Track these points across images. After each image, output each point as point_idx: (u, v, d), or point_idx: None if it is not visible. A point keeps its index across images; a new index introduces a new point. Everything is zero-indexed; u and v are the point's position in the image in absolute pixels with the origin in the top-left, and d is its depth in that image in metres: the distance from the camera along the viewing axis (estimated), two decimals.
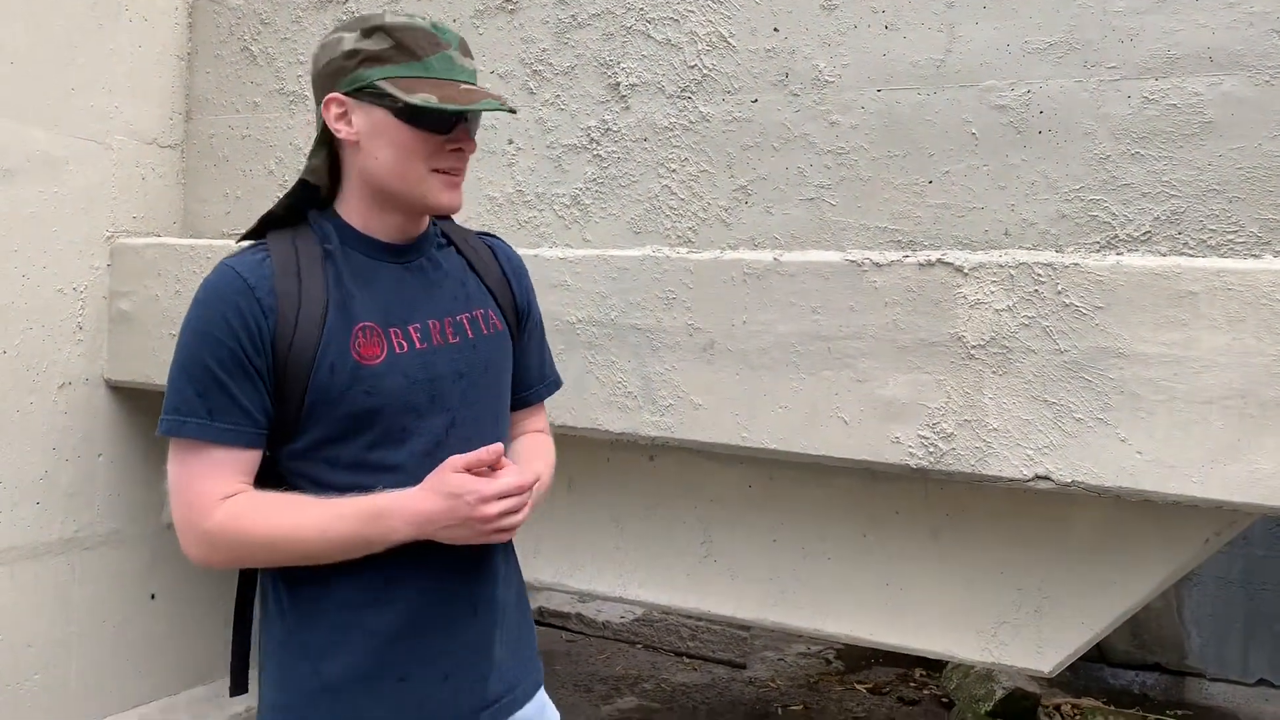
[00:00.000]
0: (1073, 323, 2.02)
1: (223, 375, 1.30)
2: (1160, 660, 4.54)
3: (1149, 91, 2.19)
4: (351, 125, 1.37)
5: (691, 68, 2.66)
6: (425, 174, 1.37)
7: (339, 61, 1.37)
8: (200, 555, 1.33)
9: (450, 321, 1.45)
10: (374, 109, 1.35)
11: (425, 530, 1.31)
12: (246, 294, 1.31)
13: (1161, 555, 2.21)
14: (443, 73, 1.35)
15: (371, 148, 1.36)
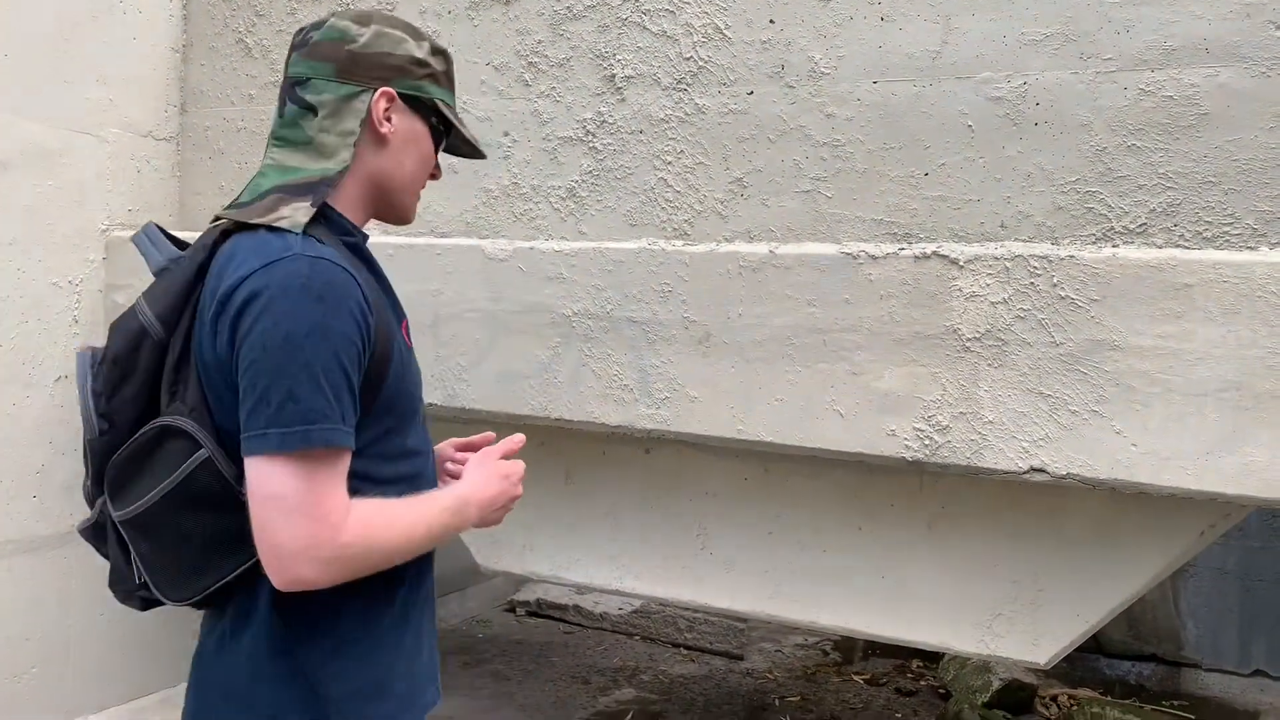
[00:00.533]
0: (1068, 315, 2.02)
1: (351, 378, 1.25)
2: (1156, 651, 4.55)
3: (1145, 83, 2.19)
4: (392, 125, 1.39)
5: (687, 59, 2.65)
6: (422, 187, 1.48)
7: (403, 62, 1.39)
8: (325, 575, 1.23)
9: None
10: (417, 120, 1.42)
11: (485, 513, 1.43)
12: (358, 291, 1.27)
13: (1157, 547, 2.21)
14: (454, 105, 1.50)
15: (400, 151, 1.40)
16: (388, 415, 1.36)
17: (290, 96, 1.42)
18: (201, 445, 1.29)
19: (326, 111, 1.37)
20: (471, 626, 5.09)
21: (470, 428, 2.92)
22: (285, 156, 1.41)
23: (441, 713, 3.91)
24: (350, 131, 1.37)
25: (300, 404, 1.20)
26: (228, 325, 1.25)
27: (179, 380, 1.35)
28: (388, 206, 1.45)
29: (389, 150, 1.40)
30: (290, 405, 1.20)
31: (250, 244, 1.31)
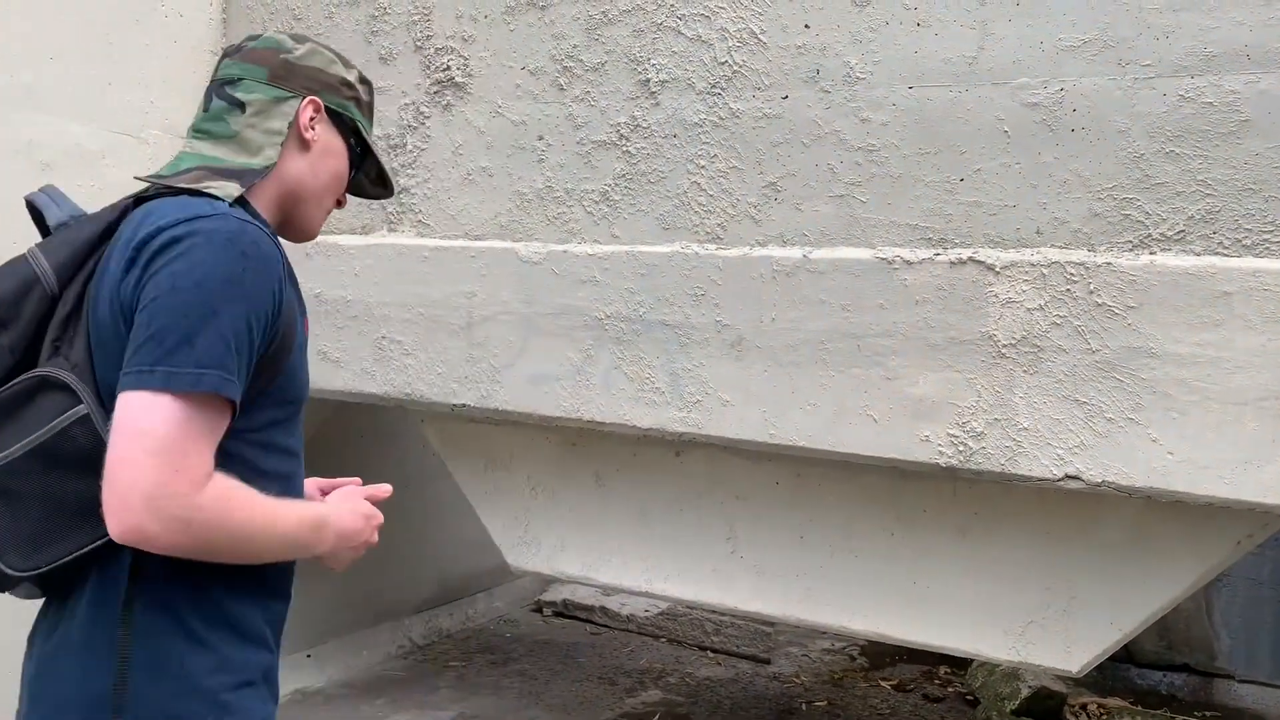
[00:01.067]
0: (1105, 322, 2.01)
1: (255, 342, 1.22)
2: (1189, 661, 4.51)
3: (1185, 89, 2.17)
4: (315, 132, 1.44)
5: (722, 64, 2.66)
6: (330, 208, 1.51)
7: (333, 81, 1.47)
8: (167, 534, 1.13)
9: None
10: (337, 136, 1.47)
11: (338, 546, 1.39)
12: (278, 261, 1.28)
13: (1192, 556, 2.20)
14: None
15: (317, 163, 1.45)
16: (277, 406, 1.33)
17: (218, 93, 1.41)
18: (81, 400, 1.21)
19: (255, 110, 1.39)
20: (499, 626, 5.12)
21: (503, 429, 2.94)
22: (207, 148, 1.38)
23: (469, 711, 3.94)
24: (277, 131, 1.39)
25: (196, 349, 1.15)
26: (139, 268, 1.21)
27: (65, 335, 1.28)
28: (295, 215, 1.46)
29: (308, 157, 1.44)
30: (185, 348, 1.15)
31: (174, 204, 1.27)
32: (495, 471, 3.00)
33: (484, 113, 3.02)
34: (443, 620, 4.94)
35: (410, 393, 2.85)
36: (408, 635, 4.69)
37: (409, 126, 3.15)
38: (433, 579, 4.92)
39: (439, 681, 4.26)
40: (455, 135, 3.07)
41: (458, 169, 3.07)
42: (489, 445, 3.01)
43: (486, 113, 3.02)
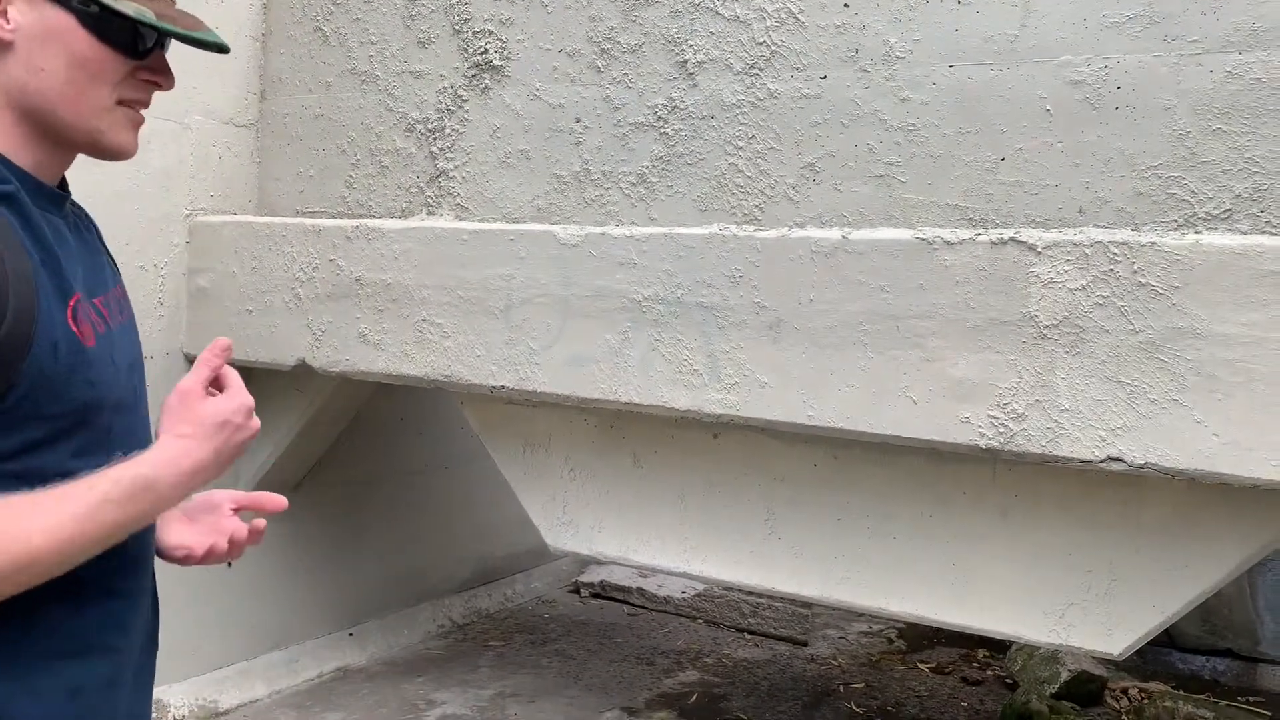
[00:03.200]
0: (1149, 303, 1.99)
1: None
2: (1232, 646, 4.45)
3: (1233, 65, 2.13)
4: (8, 21, 1.03)
5: (760, 44, 2.65)
6: (109, 103, 1.07)
7: None
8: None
9: (116, 297, 1.16)
10: (49, 6, 1.03)
11: (196, 482, 1.06)
12: None
13: (1236, 540, 2.17)
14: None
15: (36, 56, 1.03)
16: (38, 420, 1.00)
17: None
18: None
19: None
20: (537, 606, 5.16)
21: (541, 411, 2.97)
22: None
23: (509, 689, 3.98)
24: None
25: None
26: None
27: None
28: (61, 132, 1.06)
29: (19, 56, 1.03)
30: None
31: None
32: (534, 453, 3.02)
33: (522, 95, 3.03)
34: (482, 600, 4.99)
35: (449, 375, 2.88)
36: (448, 615, 4.75)
37: (447, 110, 3.17)
38: (472, 560, 4.97)
39: (479, 660, 4.31)
40: (493, 118, 3.08)
41: (495, 152, 3.08)
42: (528, 427, 3.03)
43: (524, 95, 3.02)
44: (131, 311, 1.21)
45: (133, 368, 1.14)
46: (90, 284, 1.10)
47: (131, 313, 1.21)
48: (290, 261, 3.19)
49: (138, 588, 1.16)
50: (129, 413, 1.12)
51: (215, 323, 3.35)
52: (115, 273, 1.22)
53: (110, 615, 1.11)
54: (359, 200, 3.37)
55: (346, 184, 3.39)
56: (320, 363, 3.13)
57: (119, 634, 1.13)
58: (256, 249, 3.26)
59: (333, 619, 4.16)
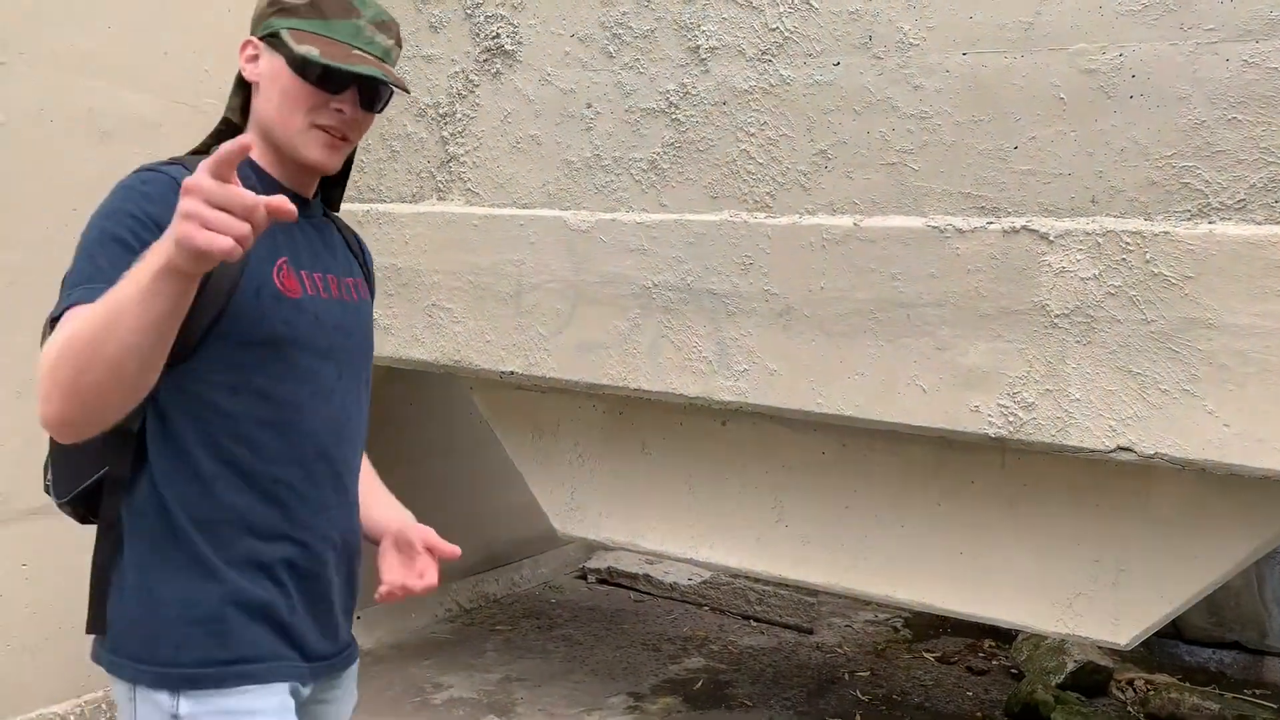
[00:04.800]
0: (1161, 292, 1.98)
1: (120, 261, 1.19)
2: (1239, 638, 4.45)
3: (1249, 54, 2.12)
4: (257, 67, 1.41)
5: (772, 30, 2.64)
6: (305, 126, 1.38)
7: (262, 8, 1.44)
8: (46, 402, 1.16)
9: (343, 281, 1.49)
10: (275, 56, 1.39)
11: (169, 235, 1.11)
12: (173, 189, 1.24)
13: (1245, 531, 2.17)
14: (343, 36, 1.39)
15: (267, 92, 1.39)
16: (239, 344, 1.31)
17: None
18: None
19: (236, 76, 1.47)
20: (544, 591, 5.18)
21: (550, 397, 2.97)
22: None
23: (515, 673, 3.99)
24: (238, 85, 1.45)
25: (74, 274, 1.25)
26: None
27: None
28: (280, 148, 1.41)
29: (259, 93, 1.41)
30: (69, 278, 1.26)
31: None
32: (543, 439, 3.03)
33: (533, 81, 3.02)
34: (489, 585, 5.01)
35: (459, 359, 2.88)
36: (455, 599, 4.77)
37: (458, 95, 3.16)
38: (479, 545, 4.99)
39: (486, 645, 4.33)
40: (504, 103, 3.08)
41: (506, 137, 3.08)
42: (537, 413, 3.03)
43: (535, 81, 3.02)
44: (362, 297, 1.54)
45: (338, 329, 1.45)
46: (308, 260, 1.43)
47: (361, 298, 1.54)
48: None
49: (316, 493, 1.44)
50: (322, 358, 1.41)
51: None
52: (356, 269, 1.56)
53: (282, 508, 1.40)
54: (369, 185, 3.37)
55: (357, 168, 3.39)
56: None
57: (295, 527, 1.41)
58: None
59: None
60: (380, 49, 1.43)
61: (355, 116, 1.41)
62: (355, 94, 1.40)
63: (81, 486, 1.40)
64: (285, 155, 1.41)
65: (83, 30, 3.05)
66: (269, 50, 1.40)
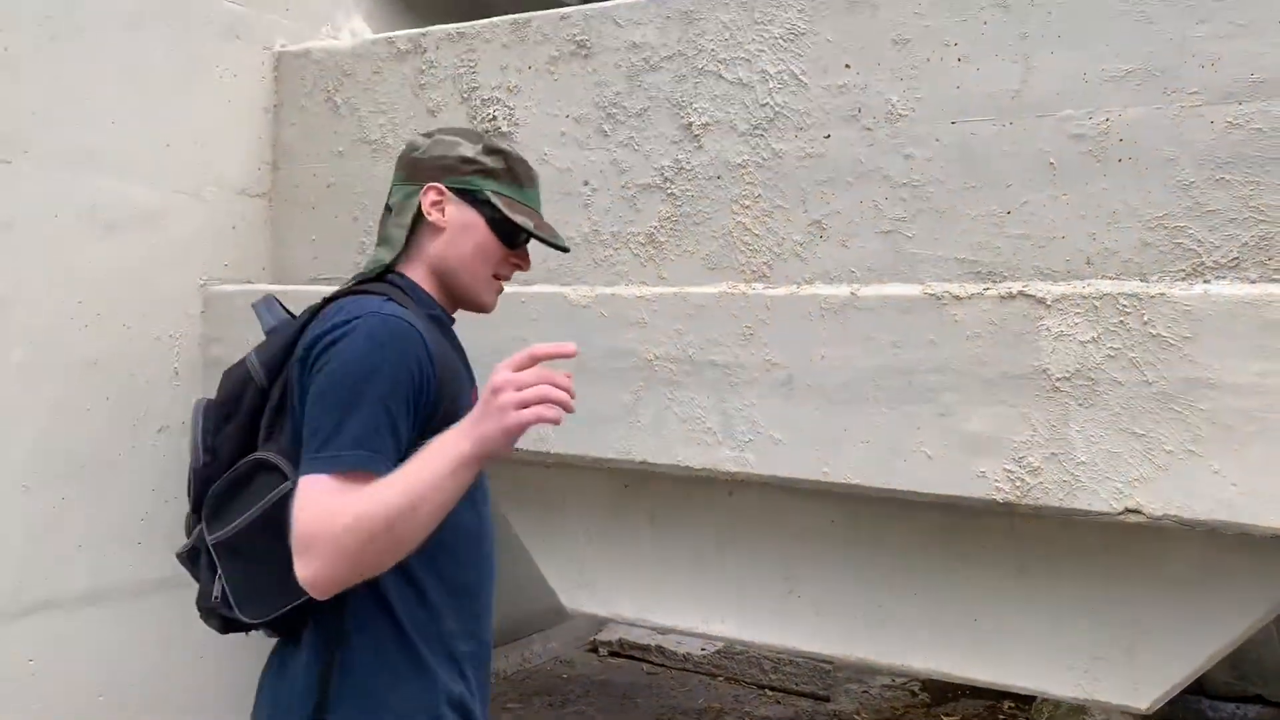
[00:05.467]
0: (1160, 353, 1.99)
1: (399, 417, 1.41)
2: (1262, 692, 4.38)
3: (1233, 116, 2.16)
4: (444, 215, 1.58)
5: (763, 106, 2.69)
6: (488, 276, 1.63)
7: (453, 162, 1.60)
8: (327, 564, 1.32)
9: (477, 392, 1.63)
10: (469, 210, 1.58)
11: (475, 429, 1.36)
12: (420, 344, 1.46)
13: (1261, 588, 2.15)
14: (532, 202, 1.67)
15: (456, 240, 1.58)
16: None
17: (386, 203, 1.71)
18: (288, 478, 1.45)
19: (395, 210, 1.64)
20: (555, 667, 5.12)
21: (554, 471, 2.96)
22: (376, 252, 1.70)
23: None
24: (405, 224, 1.61)
25: (343, 434, 1.37)
26: (309, 368, 1.46)
27: (276, 422, 1.54)
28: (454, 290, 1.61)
29: (444, 237, 1.58)
30: (337, 435, 1.37)
31: (338, 305, 1.55)
32: (550, 515, 3.02)
33: (530, 160, 3.06)
34: (499, 662, 4.95)
35: None
36: None
37: None
38: None
39: None
40: None
41: None
42: (543, 489, 3.03)
43: (533, 160, 3.05)
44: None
45: None
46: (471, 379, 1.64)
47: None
48: None
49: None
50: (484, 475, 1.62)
51: None
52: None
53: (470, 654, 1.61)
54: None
55: (359, 251, 3.43)
56: None
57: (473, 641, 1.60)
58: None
59: None
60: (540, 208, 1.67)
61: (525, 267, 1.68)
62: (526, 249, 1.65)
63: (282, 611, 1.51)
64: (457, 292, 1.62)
65: (87, 126, 3.11)
66: (462, 203, 1.59)
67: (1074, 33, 2.31)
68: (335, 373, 1.41)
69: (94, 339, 3.12)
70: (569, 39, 3.00)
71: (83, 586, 3.11)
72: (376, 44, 3.43)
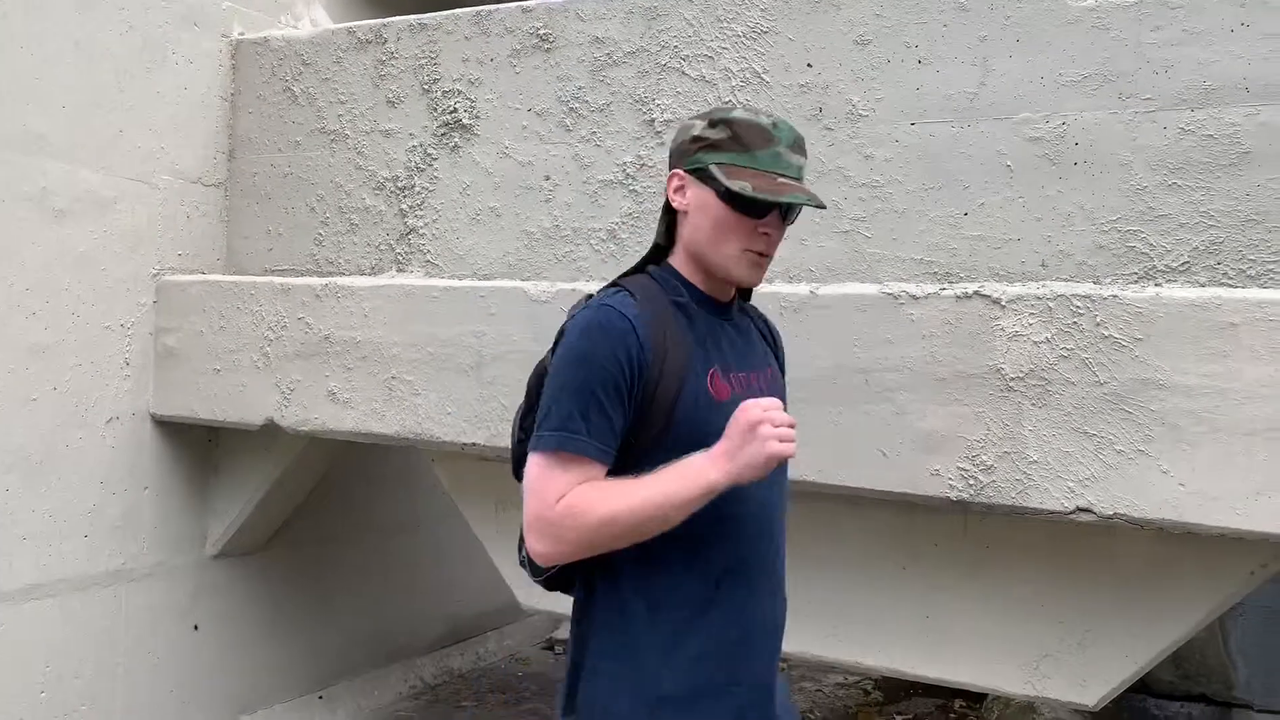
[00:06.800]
0: (1112, 354, 2.01)
1: (605, 401, 1.49)
2: (1206, 691, 4.46)
3: (1185, 122, 2.19)
4: (685, 198, 1.58)
5: (725, 103, 2.69)
6: (737, 251, 1.55)
7: (686, 144, 1.60)
8: (544, 545, 1.48)
9: (760, 374, 1.67)
10: (703, 188, 1.55)
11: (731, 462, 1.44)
12: (630, 332, 1.51)
13: (1206, 588, 2.19)
14: (766, 165, 1.53)
15: (696, 220, 1.56)
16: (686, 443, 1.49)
17: None
18: None
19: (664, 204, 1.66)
20: (510, 665, 5.09)
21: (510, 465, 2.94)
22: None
23: None
24: (665, 211, 1.64)
25: (553, 417, 1.49)
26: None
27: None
28: (710, 269, 1.60)
29: (688, 220, 1.58)
30: (549, 417, 1.50)
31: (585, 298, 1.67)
32: (506, 511, 3.00)
33: (491, 154, 3.05)
34: (454, 660, 4.92)
35: (420, 433, 2.86)
36: (419, 675, 4.67)
37: (417, 168, 3.18)
38: (444, 618, 4.91)
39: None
40: (463, 176, 3.10)
41: (466, 209, 3.10)
42: (500, 485, 3.01)
43: (494, 154, 3.05)
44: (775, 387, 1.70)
45: None
46: (734, 362, 1.62)
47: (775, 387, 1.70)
48: (258, 320, 3.17)
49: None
50: None
51: (183, 382, 3.32)
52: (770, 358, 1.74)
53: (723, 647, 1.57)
54: (328, 258, 3.37)
55: (316, 242, 3.39)
56: (288, 421, 3.10)
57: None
58: (224, 308, 3.25)
59: (302, 681, 4.08)
60: (796, 169, 1.57)
61: (779, 235, 1.58)
62: (778, 215, 1.55)
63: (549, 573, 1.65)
64: (714, 272, 1.59)
65: (37, 109, 3.04)
66: (696, 182, 1.56)
67: (1032, 37, 2.34)
68: (554, 363, 1.54)
69: (41, 327, 3.06)
70: (531, 32, 2.98)
71: (27, 580, 3.04)
72: (336, 34, 3.40)
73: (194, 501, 3.57)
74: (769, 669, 1.64)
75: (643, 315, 1.54)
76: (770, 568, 1.65)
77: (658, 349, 1.53)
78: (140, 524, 3.38)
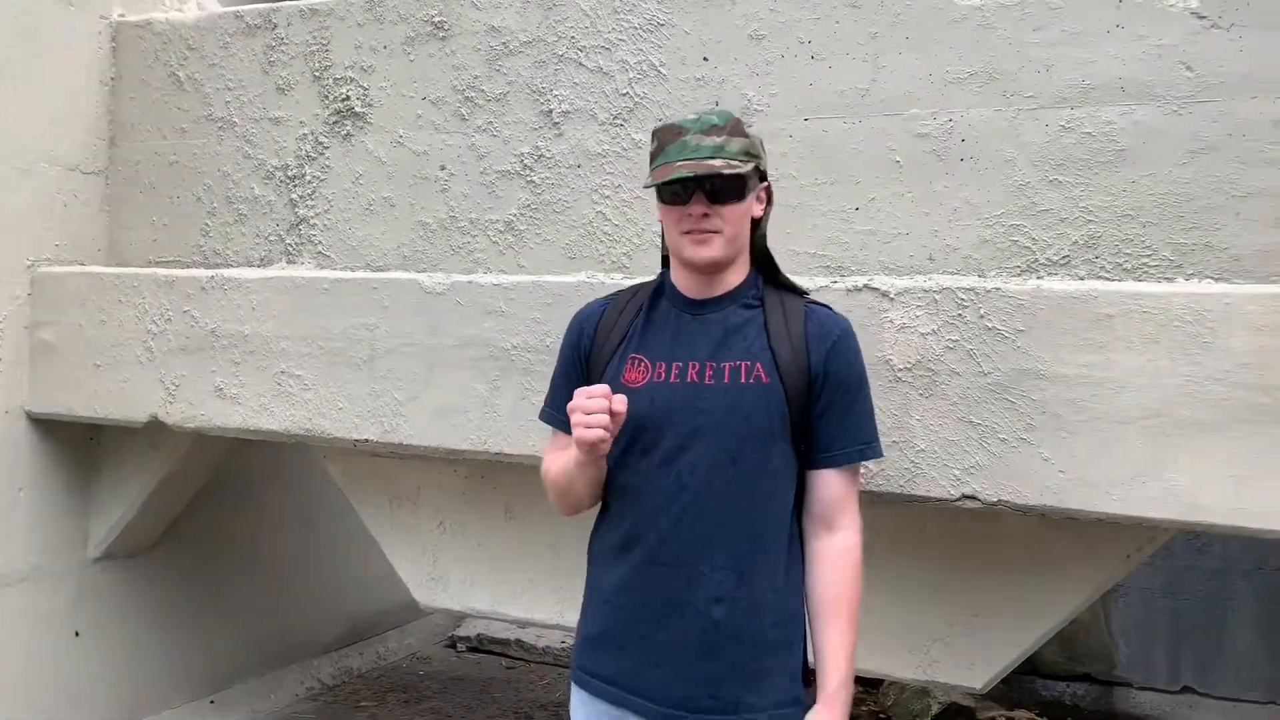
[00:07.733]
0: (995, 345, 2.07)
1: (564, 382, 1.82)
2: (1090, 671, 4.63)
3: (1065, 120, 2.26)
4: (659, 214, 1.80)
5: (623, 95, 2.68)
6: (678, 237, 1.70)
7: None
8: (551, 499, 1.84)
9: (713, 365, 1.71)
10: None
11: (579, 454, 1.69)
12: (588, 320, 1.84)
13: (1086, 571, 2.26)
14: (673, 156, 1.67)
15: (663, 224, 1.76)
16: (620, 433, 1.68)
17: None
18: None
19: None
20: (411, 664, 5.02)
21: (408, 463, 2.90)
22: None
23: None
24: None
25: (550, 389, 1.88)
26: None
27: None
28: (678, 260, 1.76)
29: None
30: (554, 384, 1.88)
31: None
32: (401, 507, 2.95)
33: (385, 143, 2.99)
34: (353, 659, 4.82)
35: (311, 429, 2.79)
36: (317, 676, 4.57)
37: (307, 157, 3.10)
38: (342, 617, 4.81)
39: None
40: (355, 165, 3.03)
41: (358, 199, 3.03)
42: (394, 480, 2.95)
43: (387, 143, 2.99)
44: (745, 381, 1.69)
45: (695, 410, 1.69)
46: (677, 351, 1.73)
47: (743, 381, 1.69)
48: (141, 313, 3.05)
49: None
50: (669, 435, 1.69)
51: (60, 378, 3.18)
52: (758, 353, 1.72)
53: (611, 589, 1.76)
54: (215, 249, 3.26)
55: (202, 232, 3.28)
56: (174, 418, 2.99)
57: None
58: (105, 301, 3.12)
59: (193, 686, 3.96)
60: (708, 149, 1.66)
61: (706, 212, 1.66)
62: (701, 196, 1.66)
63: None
64: (683, 265, 1.73)
65: None
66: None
67: (920, 35, 2.39)
68: None
69: None
70: (426, 20, 2.93)
71: None
72: (224, 18, 3.29)
73: (75, 502, 3.43)
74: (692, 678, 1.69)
75: (612, 306, 1.82)
76: (684, 552, 1.68)
77: (601, 335, 1.79)
78: (15, 526, 3.23)
